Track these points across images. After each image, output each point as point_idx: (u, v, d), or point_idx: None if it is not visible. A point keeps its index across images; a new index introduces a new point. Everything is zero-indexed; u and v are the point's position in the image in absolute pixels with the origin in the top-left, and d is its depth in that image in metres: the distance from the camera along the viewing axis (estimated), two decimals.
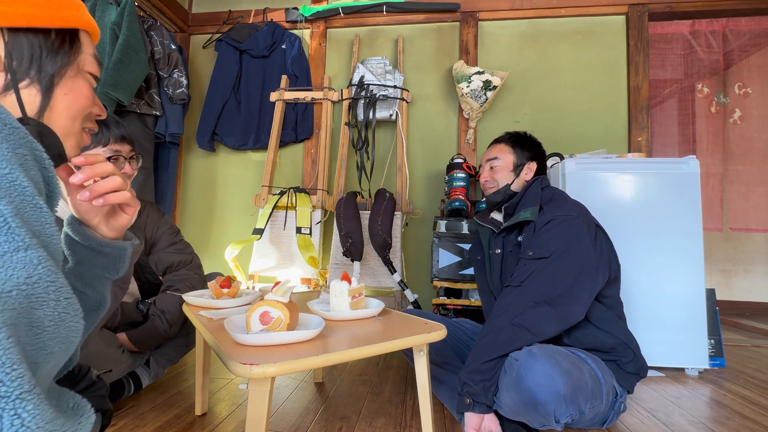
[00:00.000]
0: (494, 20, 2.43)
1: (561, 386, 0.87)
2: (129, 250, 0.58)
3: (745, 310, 3.08)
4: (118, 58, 1.82)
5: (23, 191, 0.34)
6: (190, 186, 2.61)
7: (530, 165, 1.29)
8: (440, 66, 2.45)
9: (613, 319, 1.12)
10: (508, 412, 0.96)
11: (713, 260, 3.20)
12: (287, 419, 1.12)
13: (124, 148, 1.16)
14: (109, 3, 1.96)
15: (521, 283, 1.05)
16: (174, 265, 1.35)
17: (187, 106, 2.35)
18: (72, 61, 0.51)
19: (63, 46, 0.49)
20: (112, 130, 1.13)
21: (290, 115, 2.44)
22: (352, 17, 2.50)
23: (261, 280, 2.20)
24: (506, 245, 1.25)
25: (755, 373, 1.60)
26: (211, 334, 0.80)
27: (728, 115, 2.58)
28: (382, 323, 0.93)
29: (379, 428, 1.07)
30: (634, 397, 1.33)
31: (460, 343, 1.31)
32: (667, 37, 2.58)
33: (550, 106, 2.35)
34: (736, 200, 2.57)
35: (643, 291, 1.63)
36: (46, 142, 0.45)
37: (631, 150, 2.24)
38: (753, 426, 1.12)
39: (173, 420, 1.10)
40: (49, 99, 0.49)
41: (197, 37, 2.70)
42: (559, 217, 1.12)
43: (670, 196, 1.66)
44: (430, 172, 2.39)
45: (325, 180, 2.33)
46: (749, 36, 2.50)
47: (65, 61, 0.50)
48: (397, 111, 2.29)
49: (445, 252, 1.87)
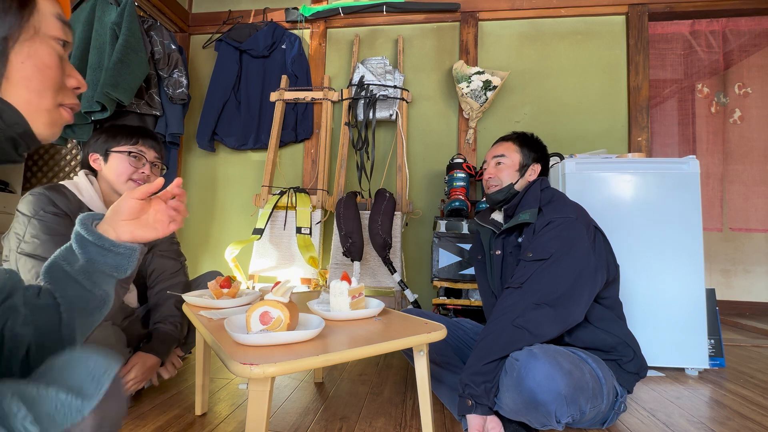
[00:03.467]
0: (494, 20, 2.43)
1: (562, 386, 0.87)
2: (138, 251, 0.60)
3: (745, 310, 3.08)
4: (118, 58, 1.82)
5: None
6: (190, 186, 2.61)
7: (534, 167, 1.29)
8: (440, 66, 2.45)
9: (612, 318, 1.12)
10: (509, 413, 0.96)
11: (713, 260, 3.20)
12: (287, 419, 1.12)
13: (149, 153, 1.25)
14: (109, 3, 1.96)
15: (522, 284, 1.05)
16: (166, 270, 1.35)
17: (187, 106, 2.34)
18: (24, 22, 0.43)
19: (10, 4, 0.42)
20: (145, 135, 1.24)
21: (290, 115, 2.44)
22: (352, 17, 2.50)
23: (261, 280, 2.20)
24: (506, 246, 1.26)
25: (755, 373, 1.60)
26: (211, 334, 0.80)
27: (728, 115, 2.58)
28: (382, 323, 0.93)
29: (379, 428, 1.07)
30: (634, 397, 1.33)
31: (461, 343, 1.31)
32: (667, 37, 2.58)
33: (550, 106, 2.35)
34: (736, 200, 2.57)
35: (643, 291, 1.63)
36: (6, 120, 0.42)
37: (631, 150, 2.24)
38: (753, 426, 1.12)
39: (173, 420, 1.10)
40: (3, 68, 0.42)
41: (197, 37, 2.70)
42: (558, 219, 1.12)
43: (670, 196, 1.66)
44: (430, 172, 2.39)
45: (325, 180, 2.33)
46: (749, 36, 2.50)
47: (15, 21, 0.42)
48: (397, 111, 2.29)
49: (445, 252, 1.87)
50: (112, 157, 1.20)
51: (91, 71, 1.85)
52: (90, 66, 1.86)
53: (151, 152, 1.25)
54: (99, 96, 1.78)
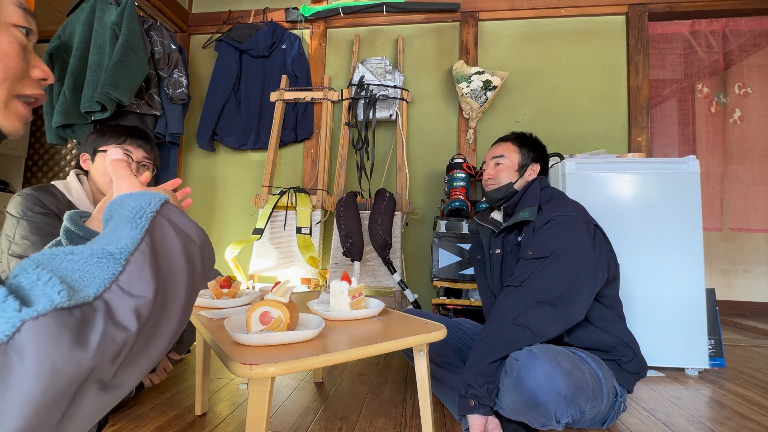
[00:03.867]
0: (494, 20, 2.43)
1: (562, 386, 0.87)
2: None
3: (745, 310, 3.08)
4: (118, 58, 1.82)
5: None
6: (190, 186, 2.60)
7: (534, 166, 1.29)
8: (440, 66, 2.45)
9: (612, 318, 1.12)
10: (509, 413, 0.96)
11: (713, 260, 3.20)
12: (287, 419, 1.12)
13: (137, 153, 1.22)
14: (109, 3, 1.96)
15: (522, 283, 1.05)
16: None
17: (187, 106, 2.34)
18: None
19: None
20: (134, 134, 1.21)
21: (290, 115, 2.44)
22: (352, 17, 2.50)
23: (261, 280, 2.20)
24: (506, 245, 1.25)
25: (755, 373, 1.60)
26: (211, 334, 0.80)
27: (728, 115, 2.58)
28: (382, 323, 0.93)
29: (379, 428, 1.07)
30: (634, 397, 1.33)
31: (461, 342, 1.31)
32: (667, 37, 2.58)
33: (550, 106, 2.35)
34: (736, 200, 2.57)
35: (643, 291, 1.63)
36: None
37: (631, 150, 2.24)
38: (753, 426, 1.12)
39: (173, 420, 1.10)
40: None
41: (197, 37, 2.69)
42: (558, 217, 1.12)
43: (670, 196, 1.66)
44: (430, 172, 2.39)
45: (325, 180, 2.33)
46: (749, 36, 2.50)
47: None
48: (397, 111, 2.29)
49: (445, 252, 1.87)
50: (98, 157, 1.20)
51: (91, 71, 1.85)
52: (90, 66, 1.86)
53: (139, 152, 1.22)
54: (99, 96, 1.78)
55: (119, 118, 1.97)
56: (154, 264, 0.34)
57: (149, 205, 0.37)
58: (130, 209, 0.36)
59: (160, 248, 0.35)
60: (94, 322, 0.29)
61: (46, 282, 0.28)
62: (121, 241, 0.33)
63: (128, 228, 0.35)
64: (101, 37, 1.90)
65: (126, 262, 0.32)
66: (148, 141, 1.25)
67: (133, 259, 0.33)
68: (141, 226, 0.35)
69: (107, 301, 0.30)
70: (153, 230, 0.35)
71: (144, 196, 0.38)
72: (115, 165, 0.46)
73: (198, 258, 0.38)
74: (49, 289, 0.28)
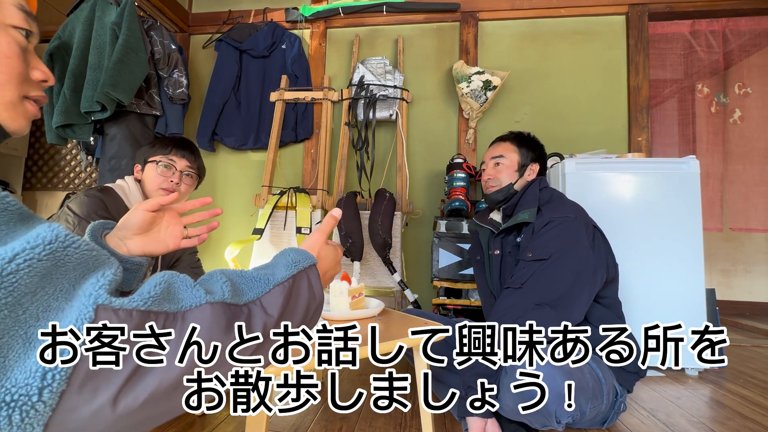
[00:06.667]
0: (494, 20, 2.43)
1: (562, 386, 0.87)
2: (145, 266, 0.60)
3: (745, 310, 3.08)
4: (118, 58, 1.82)
5: None
6: None
7: (533, 166, 1.29)
8: (440, 66, 2.45)
9: (612, 319, 1.12)
10: (509, 413, 0.96)
11: (713, 260, 3.20)
12: (287, 419, 1.12)
13: (180, 162, 1.25)
14: (109, 3, 1.96)
15: (522, 284, 1.05)
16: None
17: (187, 106, 2.34)
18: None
19: None
20: (180, 145, 1.26)
21: (290, 115, 2.44)
22: (352, 17, 2.50)
23: None
24: (505, 246, 1.25)
25: (755, 373, 1.60)
26: None
27: (728, 115, 2.58)
28: (382, 323, 0.93)
29: (379, 428, 1.07)
30: (634, 397, 1.33)
31: None
32: (667, 37, 2.58)
33: (550, 106, 2.35)
34: (736, 200, 2.57)
35: (643, 291, 1.63)
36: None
37: (631, 150, 2.24)
38: (753, 426, 1.12)
39: (173, 420, 1.09)
40: None
41: (197, 37, 2.69)
42: (558, 219, 1.12)
43: (670, 196, 1.66)
44: (430, 172, 2.39)
45: (325, 180, 2.33)
46: (749, 36, 2.50)
47: None
48: (397, 111, 2.29)
49: (445, 252, 1.87)
50: (147, 167, 1.24)
51: (91, 71, 1.85)
52: (90, 66, 1.86)
53: (182, 161, 1.25)
54: (99, 96, 1.78)
55: (119, 118, 1.97)
56: (287, 298, 0.45)
57: (302, 262, 0.48)
58: (291, 258, 0.48)
59: (294, 291, 0.46)
60: (239, 318, 0.40)
61: (224, 283, 0.41)
62: (276, 276, 0.46)
63: (284, 269, 0.47)
64: (101, 37, 1.90)
65: (271, 288, 0.44)
66: (193, 152, 1.29)
67: (275, 289, 0.44)
68: (291, 272, 0.47)
69: (250, 309, 0.41)
70: (296, 277, 0.47)
71: (303, 254, 0.50)
72: (326, 219, 0.59)
73: (312, 311, 0.49)
74: (224, 288, 0.40)
